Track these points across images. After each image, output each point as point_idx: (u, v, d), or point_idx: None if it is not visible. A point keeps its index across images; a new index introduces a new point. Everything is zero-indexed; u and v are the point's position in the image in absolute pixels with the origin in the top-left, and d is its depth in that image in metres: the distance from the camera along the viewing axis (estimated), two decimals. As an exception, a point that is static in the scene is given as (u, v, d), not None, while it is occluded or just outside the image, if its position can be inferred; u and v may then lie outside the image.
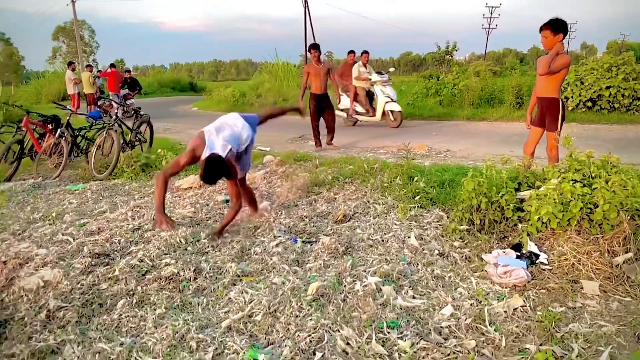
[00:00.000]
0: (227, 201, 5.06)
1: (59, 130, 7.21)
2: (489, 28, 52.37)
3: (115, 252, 3.76)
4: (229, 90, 21.11)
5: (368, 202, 4.72)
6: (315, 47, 8.35)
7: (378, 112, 10.76)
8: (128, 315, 2.78)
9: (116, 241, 3.96)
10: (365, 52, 11.20)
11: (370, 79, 10.80)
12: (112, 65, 15.86)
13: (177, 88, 35.21)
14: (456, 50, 31.48)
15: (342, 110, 11.40)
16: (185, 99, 27.70)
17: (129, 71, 16.56)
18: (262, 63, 26.02)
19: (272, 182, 5.87)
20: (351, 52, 11.81)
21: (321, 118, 8.41)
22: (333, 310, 2.75)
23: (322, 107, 8.30)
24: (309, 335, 2.50)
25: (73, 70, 16.24)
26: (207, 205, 5.05)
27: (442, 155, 7.22)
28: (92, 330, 2.68)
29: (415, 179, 4.89)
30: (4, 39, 56.17)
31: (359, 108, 11.17)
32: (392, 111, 10.60)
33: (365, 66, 11.06)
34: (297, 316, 2.70)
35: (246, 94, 19.81)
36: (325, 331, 2.52)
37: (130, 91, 15.07)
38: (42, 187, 6.34)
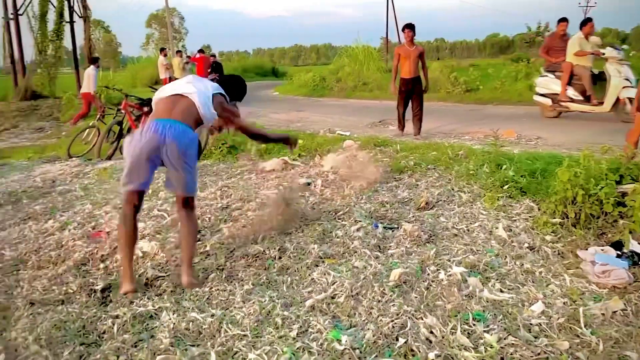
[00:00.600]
0: (309, 183, 5.15)
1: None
2: (587, 6, 48.38)
3: (206, 229, 3.97)
4: (309, 75, 21.32)
5: (452, 189, 4.60)
6: (409, 26, 7.83)
7: (609, 100, 8.04)
8: (218, 289, 2.93)
9: (207, 218, 4.18)
10: (589, 20, 8.52)
11: (604, 54, 8.16)
12: (200, 51, 16.56)
13: (260, 73, 36.11)
14: (548, 31, 29.52)
15: (543, 95, 9.12)
16: (267, 83, 28.34)
17: (214, 56, 17.25)
18: (342, 47, 25.97)
19: (352, 167, 5.87)
20: (563, 20, 9.19)
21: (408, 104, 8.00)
22: (416, 297, 2.73)
23: (411, 92, 7.90)
24: (392, 321, 2.49)
25: (165, 56, 17.11)
26: (291, 187, 5.16)
27: (533, 143, 6.86)
28: (186, 300, 2.85)
29: (504, 167, 4.69)
30: (104, 27, 60.37)
31: (573, 93, 8.58)
32: (629, 99, 7.56)
33: (587, 38, 8.38)
34: (379, 301, 2.71)
35: (326, 78, 19.90)
36: (408, 318, 2.51)
37: (217, 76, 15.65)
38: (139, 165, 6.78)
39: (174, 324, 2.56)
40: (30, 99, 15.69)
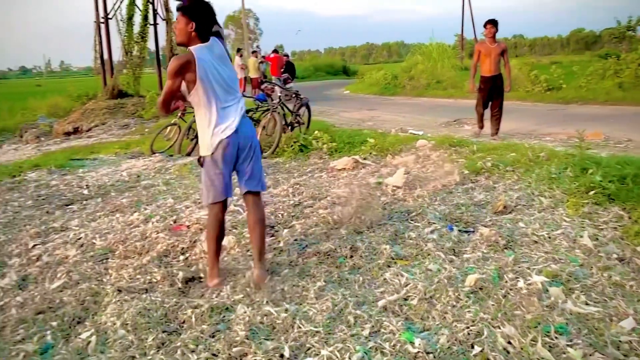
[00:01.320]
0: (380, 183, 5.11)
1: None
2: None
3: (279, 225, 4.06)
4: (380, 73, 21.20)
5: (532, 193, 4.39)
6: (492, 22, 7.54)
7: None
8: (291, 284, 2.98)
9: (280, 215, 4.27)
10: None
11: None
12: (275, 51, 16.92)
13: (331, 72, 36.35)
14: (640, 25, 27.29)
15: None
16: (338, 82, 28.47)
17: (287, 56, 17.54)
18: (415, 44, 25.53)
19: (425, 167, 5.77)
20: None
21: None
22: (493, 305, 2.63)
23: (491, 91, 7.62)
24: (467, 327, 2.42)
25: (241, 56, 17.66)
26: (361, 186, 5.15)
27: (623, 146, 6.40)
28: (259, 293, 2.93)
29: (590, 171, 4.41)
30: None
31: None
32: None
33: None
34: (453, 306, 2.64)
35: (398, 76, 19.70)
36: (485, 326, 2.43)
37: (289, 75, 15.95)
38: (215, 161, 7.05)
39: (249, 317, 2.63)
40: (117, 98, 16.73)
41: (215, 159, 2.92)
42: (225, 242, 3.65)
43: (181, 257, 3.57)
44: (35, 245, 3.92)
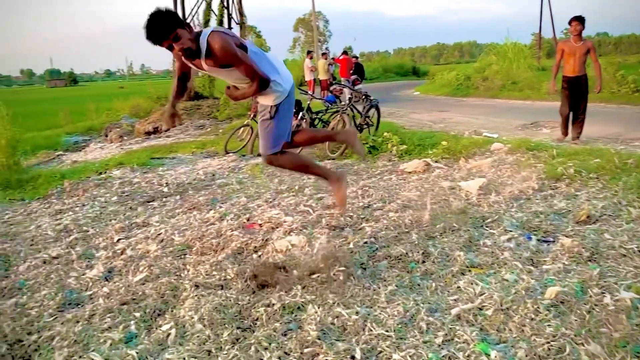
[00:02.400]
0: (453, 187, 4.98)
1: (300, 113, 8.06)
2: None
3: (348, 227, 4.06)
4: (452, 73, 20.70)
5: (619, 203, 4.11)
6: (578, 19, 7.09)
7: None
8: (362, 287, 2.97)
9: (349, 217, 4.28)
10: None
11: None
12: (344, 53, 16.98)
13: (400, 73, 35.95)
14: None
15: None
16: (408, 83, 28.09)
17: (356, 57, 17.53)
18: (488, 44, 24.68)
19: (501, 172, 5.55)
20: None
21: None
22: (576, 320, 2.48)
23: (575, 92, 7.19)
24: (548, 342, 2.31)
25: (311, 58, 17.90)
26: (432, 190, 5.05)
27: None
28: (330, 294, 2.94)
29: (687, 180, 4.06)
30: (256, 32, 65.00)
31: None
32: None
33: None
34: (532, 319, 2.52)
35: (471, 77, 19.13)
36: (567, 342, 2.30)
37: (358, 76, 15.93)
38: (286, 162, 7.18)
39: (320, 317, 2.66)
40: (193, 99, 17.46)
41: (290, 101, 3.12)
42: (295, 241, 3.71)
43: (254, 255, 3.67)
44: (119, 239, 4.17)
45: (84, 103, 21.17)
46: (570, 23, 7.19)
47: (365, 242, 3.61)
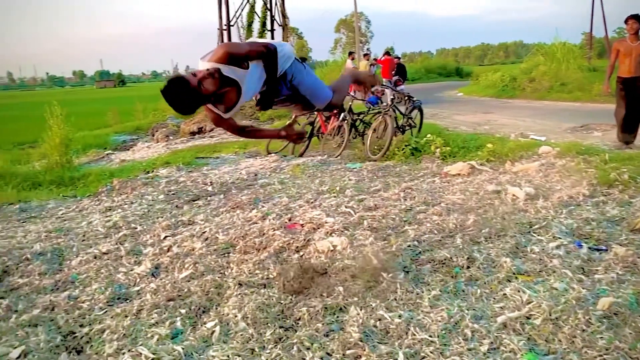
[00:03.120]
0: (499, 191, 4.86)
1: (342, 114, 8.06)
2: None
3: (390, 229, 4.03)
4: (497, 74, 20.18)
5: (679, 210, 3.90)
6: (635, 17, 6.73)
7: None
8: (405, 290, 2.94)
9: (391, 219, 4.24)
10: None
11: None
12: (386, 53, 16.85)
13: (443, 74, 35.38)
14: None
15: None
16: (451, 84, 27.61)
17: (398, 58, 17.37)
18: (535, 44, 23.93)
19: (549, 176, 5.38)
20: None
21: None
22: (631, 334, 2.37)
23: (631, 94, 6.84)
24: (600, 356, 2.22)
25: (352, 59, 17.85)
26: (477, 193, 4.94)
27: None
28: (372, 296, 2.93)
29: None
30: (297, 33, 65.45)
31: None
32: None
33: None
34: (583, 330, 2.43)
35: (517, 78, 18.59)
36: (621, 356, 2.20)
37: (400, 77, 15.78)
38: (327, 163, 7.20)
39: (363, 319, 2.65)
40: (236, 100, 17.74)
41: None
42: (337, 242, 3.71)
43: (295, 255, 3.69)
44: (166, 236, 4.28)
45: (131, 103, 21.91)
46: (626, 22, 6.87)
47: (408, 246, 3.58)
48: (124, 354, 2.46)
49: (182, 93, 2.42)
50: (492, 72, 21.64)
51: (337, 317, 2.75)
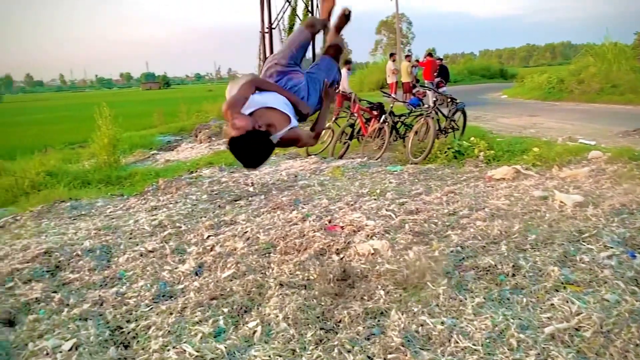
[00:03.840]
0: (546, 197, 4.71)
1: (383, 116, 8.01)
2: None
3: (432, 234, 3.97)
4: (543, 76, 19.56)
5: None
6: None
7: None
8: (448, 296, 2.89)
9: (433, 223, 4.18)
10: None
11: None
12: (428, 55, 16.64)
13: (486, 75, 34.64)
14: None
15: None
16: (494, 86, 26.99)
17: (440, 59, 17.11)
18: (584, 45, 23.06)
19: (600, 183, 5.17)
20: None
21: None
22: (690, 349, 2.26)
23: None
24: (656, 371, 2.11)
25: (394, 61, 17.69)
26: (523, 199, 4.80)
27: None
28: (414, 302, 2.89)
29: None
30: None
31: None
32: None
33: None
34: (637, 345, 2.32)
35: (565, 80, 17.96)
36: (679, 371, 2.09)
37: (442, 79, 15.55)
38: (367, 166, 7.17)
39: (404, 324, 2.62)
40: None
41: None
42: (378, 245, 3.69)
43: (335, 258, 3.69)
44: (209, 236, 4.37)
45: (175, 105, 22.48)
46: None
47: (451, 251, 3.51)
48: (168, 350, 2.52)
49: (262, 145, 2.37)
50: (538, 73, 21.01)
51: (378, 321, 2.73)
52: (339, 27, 3.16)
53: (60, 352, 2.58)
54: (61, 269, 3.83)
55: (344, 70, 12.72)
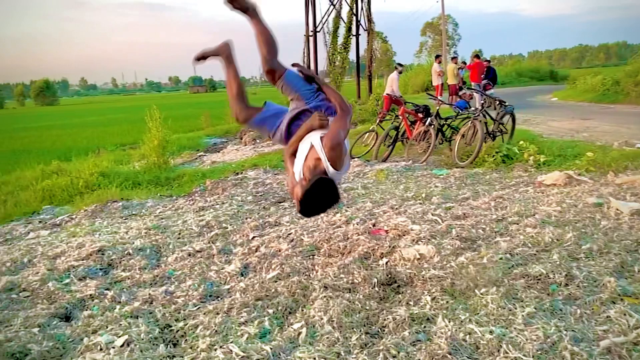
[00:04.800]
0: (600, 204, 4.51)
1: (428, 119, 7.90)
2: None
3: (480, 240, 3.87)
4: (597, 78, 18.80)
5: None
6: None
7: None
8: (497, 305, 2.81)
9: (481, 229, 4.08)
10: None
11: None
12: (476, 57, 16.30)
13: (536, 77, 33.62)
14: None
15: None
16: (544, 88, 26.15)
17: (488, 61, 16.73)
18: (643, 45, 21.96)
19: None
20: None
21: None
22: None
23: None
24: None
25: (439, 63, 17.43)
26: (576, 206, 4.62)
27: None
28: (461, 309, 2.83)
29: None
30: (382, 38, 65.08)
31: None
32: None
33: None
34: (702, 361, 2.18)
35: (620, 81, 17.17)
36: None
37: (489, 81, 15.19)
38: (412, 169, 7.09)
39: (451, 332, 2.56)
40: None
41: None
42: (424, 250, 3.63)
43: (380, 262, 3.65)
44: (254, 237, 4.43)
45: (221, 108, 22.94)
46: None
47: (500, 258, 3.41)
48: (215, 350, 2.56)
49: (325, 188, 2.47)
50: (591, 75, 20.19)
51: (424, 327, 2.69)
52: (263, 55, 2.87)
53: (113, 347, 2.66)
54: (113, 267, 3.97)
55: (394, 74, 12.69)
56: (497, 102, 8.44)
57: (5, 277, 3.73)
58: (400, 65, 13.26)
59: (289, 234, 4.40)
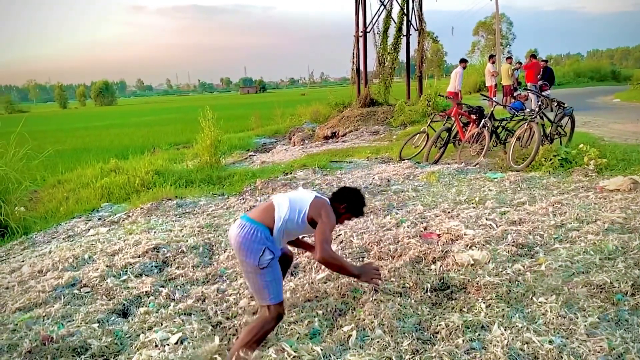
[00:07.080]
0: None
1: (482, 120, 7.68)
2: None
3: (538, 246, 3.72)
4: (665, 77, 17.72)
5: None
6: None
7: None
8: (556, 314, 2.68)
9: (538, 235, 3.92)
10: None
11: None
12: (532, 57, 15.76)
13: (596, 77, 32.11)
14: None
15: None
16: (605, 89, 24.92)
17: (544, 61, 16.12)
18: None
19: None
20: None
21: None
22: None
23: None
24: None
25: (493, 63, 16.94)
26: (642, 213, 4.36)
27: None
28: (518, 317, 2.72)
29: None
30: (433, 37, 63.87)
31: None
32: None
33: None
34: None
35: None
36: None
37: (546, 82, 14.63)
38: (464, 172, 6.92)
39: (508, 340, 2.47)
40: (369, 106, 17.94)
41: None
42: (478, 256, 3.52)
43: (432, 266, 3.57)
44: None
45: (271, 109, 23.30)
46: None
47: (560, 266, 3.26)
48: (268, 348, 2.58)
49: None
50: (657, 74, 19.08)
51: (479, 335, 2.60)
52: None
53: (168, 344, 2.74)
54: (168, 264, 4.08)
55: (458, 68, 12.70)
56: (555, 104, 8.10)
57: (68, 272, 3.91)
58: (465, 60, 13.32)
59: (338, 235, 4.39)
